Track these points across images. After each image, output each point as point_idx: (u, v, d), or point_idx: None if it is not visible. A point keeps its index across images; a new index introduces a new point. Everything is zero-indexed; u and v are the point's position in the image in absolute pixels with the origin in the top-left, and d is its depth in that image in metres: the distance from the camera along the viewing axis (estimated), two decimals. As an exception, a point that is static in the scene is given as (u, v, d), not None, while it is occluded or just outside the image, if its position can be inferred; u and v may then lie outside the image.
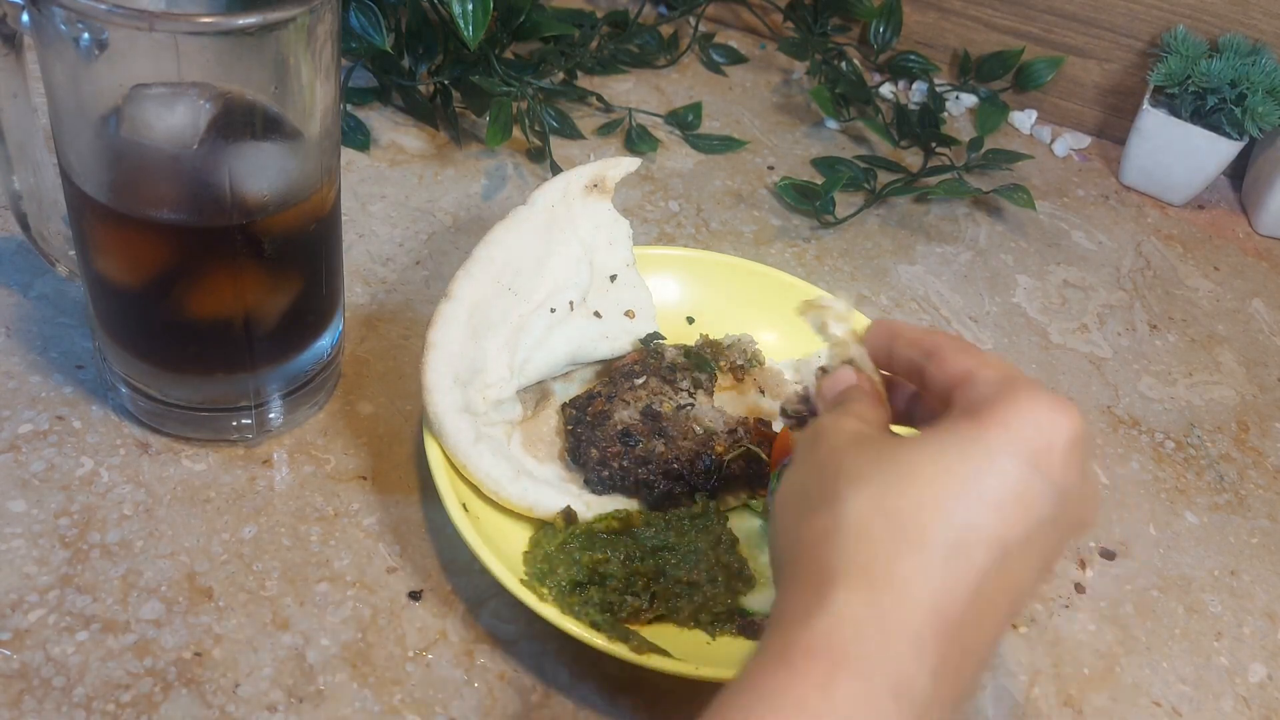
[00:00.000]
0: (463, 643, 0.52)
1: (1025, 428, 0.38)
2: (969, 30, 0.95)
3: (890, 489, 0.38)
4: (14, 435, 0.57)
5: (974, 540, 0.36)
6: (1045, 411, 0.38)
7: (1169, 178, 0.89)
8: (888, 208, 0.84)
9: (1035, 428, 0.38)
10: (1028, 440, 0.38)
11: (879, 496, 0.38)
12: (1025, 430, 0.38)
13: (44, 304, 0.64)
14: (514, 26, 0.82)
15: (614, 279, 0.63)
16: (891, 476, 0.38)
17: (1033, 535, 0.37)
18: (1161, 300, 0.81)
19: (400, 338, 0.66)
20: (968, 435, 0.38)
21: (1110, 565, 0.62)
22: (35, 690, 0.48)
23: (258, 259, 0.52)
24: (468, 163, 0.80)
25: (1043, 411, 0.38)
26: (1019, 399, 0.38)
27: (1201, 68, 0.84)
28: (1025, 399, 0.38)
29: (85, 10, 0.44)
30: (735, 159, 0.86)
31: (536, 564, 0.53)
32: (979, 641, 0.37)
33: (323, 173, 0.53)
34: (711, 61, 0.96)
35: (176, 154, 0.49)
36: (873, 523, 0.37)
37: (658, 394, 0.59)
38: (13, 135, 0.53)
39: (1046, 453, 0.38)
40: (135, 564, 0.53)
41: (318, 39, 0.48)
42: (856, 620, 0.35)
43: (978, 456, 0.37)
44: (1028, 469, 0.37)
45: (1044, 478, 0.37)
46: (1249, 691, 0.57)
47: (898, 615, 0.36)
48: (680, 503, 0.56)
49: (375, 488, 0.58)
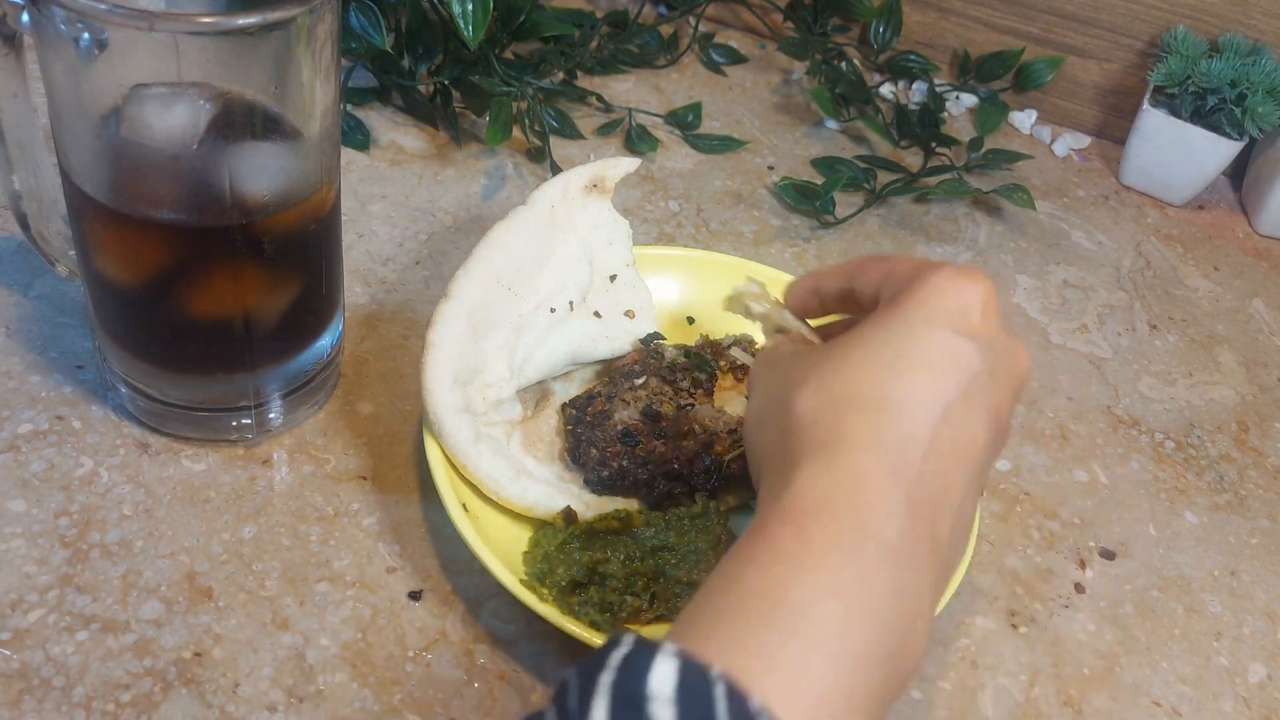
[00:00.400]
0: (462, 643, 0.52)
1: (937, 297, 0.42)
2: (969, 30, 0.95)
3: (829, 378, 0.41)
4: (14, 435, 0.57)
5: (912, 401, 0.39)
6: (952, 281, 0.42)
7: (1169, 178, 0.89)
8: (888, 208, 0.84)
9: (946, 295, 0.42)
10: (941, 307, 0.41)
11: (821, 388, 0.41)
12: (937, 299, 0.41)
13: (44, 304, 0.64)
14: (514, 26, 0.82)
15: (614, 279, 0.63)
16: (828, 369, 0.41)
17: (969, 389, 0.40)
18: (1161, 300, 0.81)
19: (400, 338, 0.66)
20: (888, 318, 0.42)
21: (1110, 565, 0.62)
22: (35, 690, 0.48)
23: (258, 259, 0.52)
24: (468, 163, 0.80)
25: (950, 281, 0.42)
26: (927, 277, 0.42)
27: (1201, 68, 0.84)
28: (932, 276, 0.42)
29: (85, 10, 0.44)
30: (735, 159, 0.86)
31: (536, 564, 0.53)
32: (945, 493, 0.39)
33: (323, 173, 0.53)
34: (711, 61, 0.96)
35: (176, 154, 0.49)
36: (820, 404, 0.40)
37: (658, 394, 0.59)
38: (13, 135, 0.53)
39: (961, 314, 0.41)
40: (135, 564, 0.53)
41: (318, 39, 0.48)
42: (818, 483, 0.38)
43: (900, 332, 0.41)
44: (946, 332, 0.41)
45: (964, 336, 0.41)
46: (1249, 691, 0.57)
47: (856, 469, 0.38)
48: (680, 503, 0.56)
49: (375, 488, 0.58)
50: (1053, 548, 0.62)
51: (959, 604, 0.58)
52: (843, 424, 0.39)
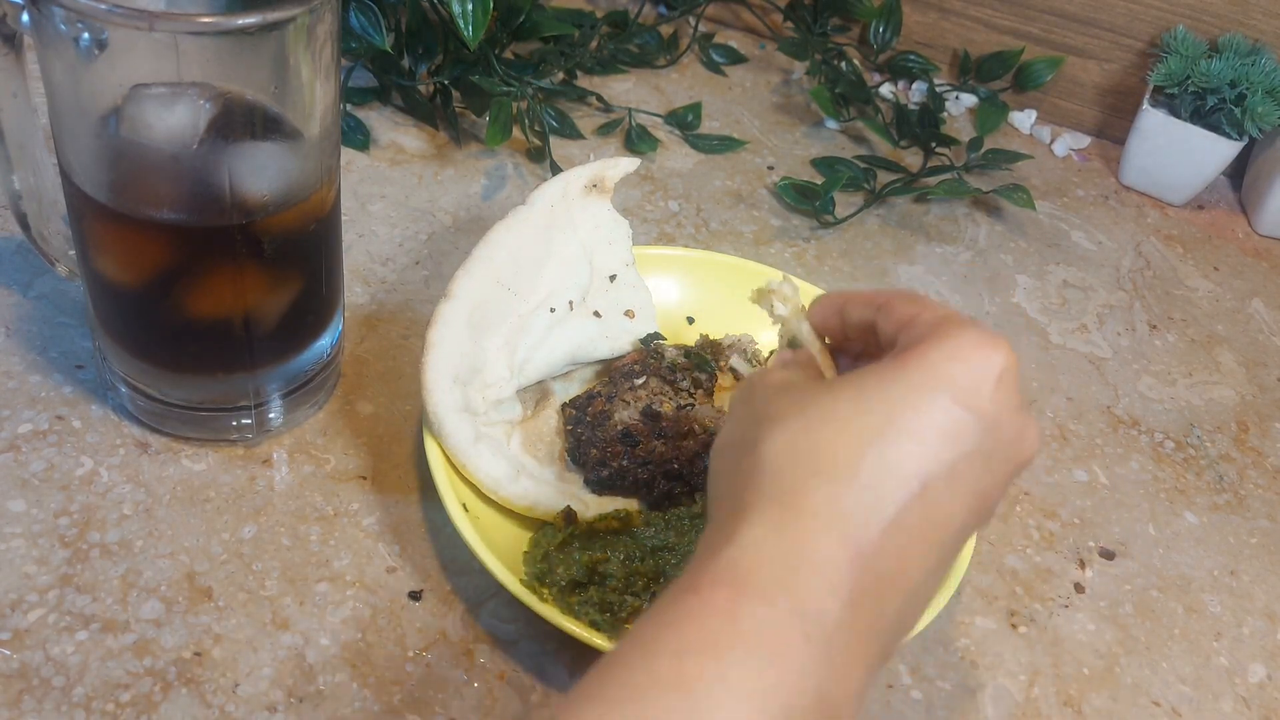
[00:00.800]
0: (462, 643, 0.52)
1: (948, 364, 0.37)
2: (969, 30, 0.95)
3: (808, 426, 0.37)
4: (14, 435, 0.57)
5: (889, 473, 0.36)
6: (970, 348, 0.37)
7: (1169, 178, 0.89)
8: (888, 208, 0.84)
9: (958, 363, 0.37)
10: (950, 376, 0.37)
11: (797, 434, 0.37)
12: (948, 366, 0.37)
13: (44, 304, 0.64)
14: (514, 26, 0.82)
15: (614, 279, 0.63)
16: (811, 415, 0.38)
17: (958, 468, 0.37)
18: (1161, 300, 0.81)
19: (400, 338, 0.66)
20: (890, 374, 0.38)
21: (1110, 565, 0.62)
22: (35, 690, 0.48)
23: (258, 259, 0.52)
24: (468, 163, 0.80)
25: (968, 347, 0.37)
26: (945, 337, 0.38)
27: (1201, 68, 0.84)
28: (951, 337, 0.38)
29: (85, 10, 0.44)
30: (735, 159, 0.86)
31: (536, 564, 0.53)
32: (901, 573, 0.36)
33: (323, 173, 0.53)
34: (711, 61, 0.96)
35: (176, 154, 0.49)
36: (788, 459, 0.37)
37: (658, 394, 0.59)
38: (13, 135, 0.53)
39: (971, 388, 0.37)
40: (135, 564, 0.53)
41: (318, 39, 0.48)
42: (761, 548, 0.35)
43: (898, 393, 0.37)
44: (949, 403, 0.37)
45: (968, 411, 0.37)
46: (1249, 691, 0.57)
47: (804, 543, 0.35)
48: (680, 503, 0.56)
49: (375, 488, 0.58)
50: (1052, 548, 0.62)
51: (959, 604, 0.58)
52: (806, 487, 0.36)
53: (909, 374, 0.37)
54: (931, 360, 0.37)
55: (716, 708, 0.32)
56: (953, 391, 0.37)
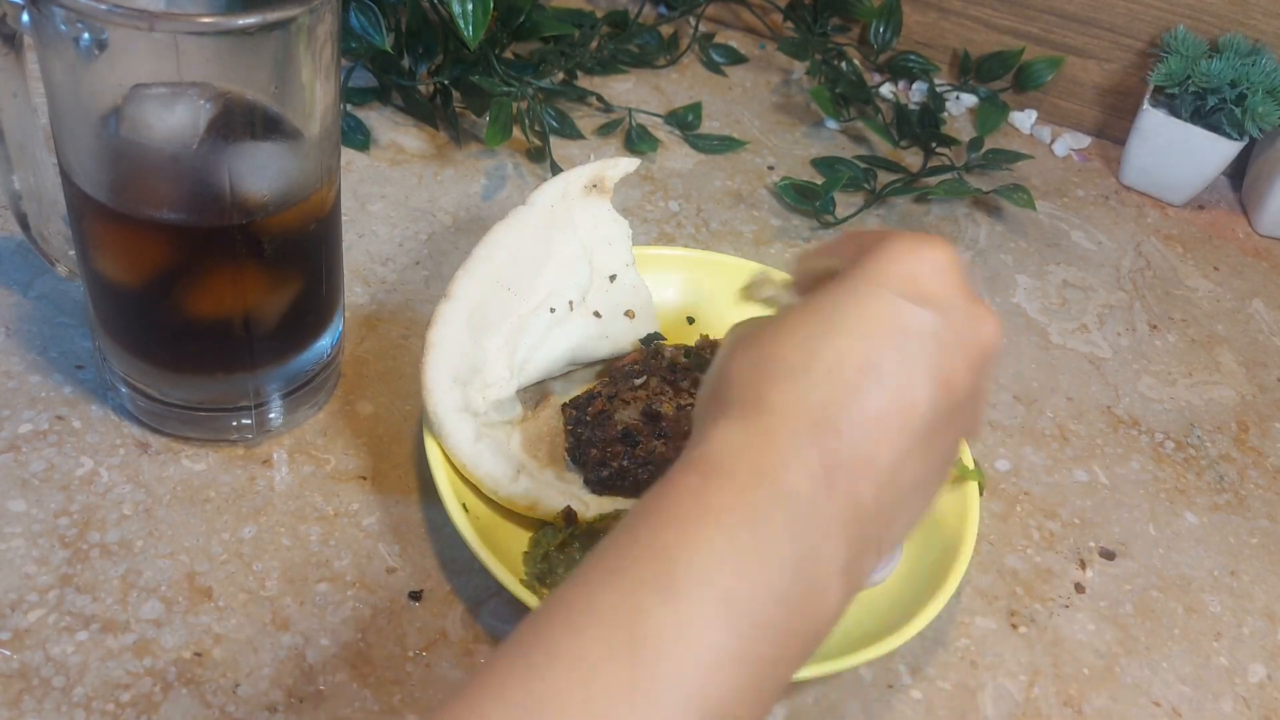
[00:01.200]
0: (462, 643, 0.52)
1: (886, 263, 0.39)
2: (969, 30, 0.95)
3: (766, 340, 0.40)
4: (14, 435, 0.57)
5: (840, 363, 0.38)
6: (907, 248, 0.40)
7: (1169, 178, 0.89)
8: (888, 208, 0.84)
9: (895, 261, 0.39)
10: (888, 272, 0.39)
11: (753, 350, 0.40)
12: (886, 265, 0.39)
13: (44, 304, 0.64)
14: (514, 26, 0.82)
15: (614, 279, 0.63)
16: (768, 331, 0.40)
17: (909, 351, 0.38)
18: (1161, 300, 0.81)
19: (400, 338, 0.66)
20: (835, 284, 0.40)
21: (1110, 565, 0.62)
22: (35, 690, 0.48)
23: (258, 259, 0.52)
24: (468, 163, 0.80)
25: (903, 248, 0.40)
26: (883, 244, 0.40)
27: (1201, 68, 0.84)
28: (889, 242, 0.40)
29: (85, 10, 0.44)
30: (735, 159, 0.86)
31: (536, 564, 0.53)
32: (871, 457, 0.37)
33: (323, 173, 0.53)
34: (711, 61, 0.96)
35: (176, 154, 0.49)
36: (750, 369, 0.39)
37: (658, 394, 0.59)
38: (13, 135, 0.53)
39: (909, 277, 0.39)
40: (135, 564, 0.53)
41: (318, 39, 0.48)
42: (728, 440, 0.37)
43: (841, 295, 0.39)
44: (888, 295, 0.39)
45: (909, 299, 0.39)
46: (1249, 692, 0.57)
47: (769, 432, 0.37)
48: (680, 503, 0.56)
49: (375, 488, 0.58)
50: (1053, 548, 0.62)
51: (959, 604, 0.58)
52: (766, 387, 0.38)
53: (853, 280, 0.40)
54: (871, 263, 0.40)
55: (694, 569, 0.34)
56: (891, 284, 0.39)
